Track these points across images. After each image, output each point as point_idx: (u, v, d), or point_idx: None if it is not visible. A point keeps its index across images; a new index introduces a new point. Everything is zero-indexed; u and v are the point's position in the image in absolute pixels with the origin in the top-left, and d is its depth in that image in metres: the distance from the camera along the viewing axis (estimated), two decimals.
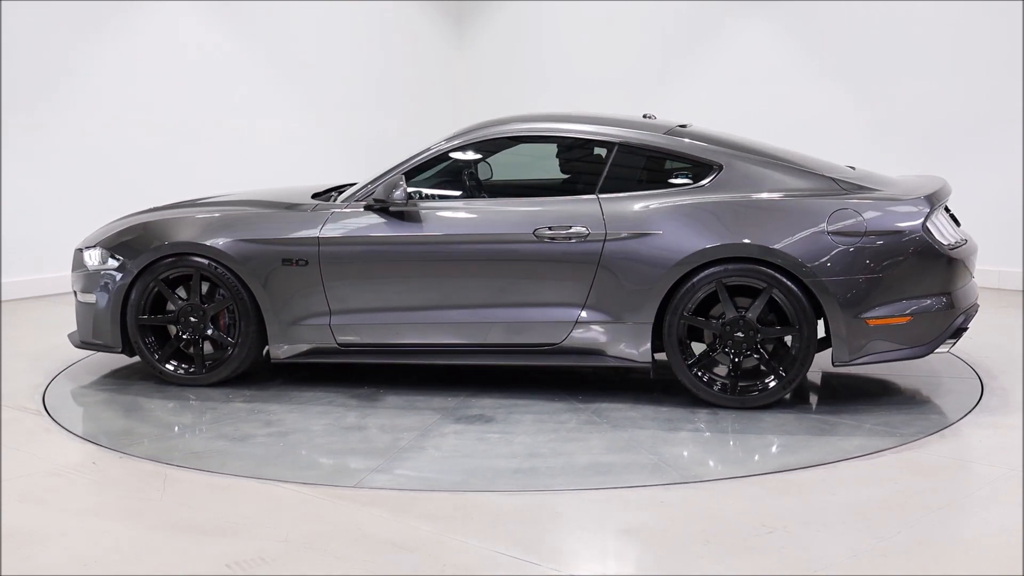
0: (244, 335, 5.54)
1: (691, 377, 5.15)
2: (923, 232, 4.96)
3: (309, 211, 5.54)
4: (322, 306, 5.44)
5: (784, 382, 5.06)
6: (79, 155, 8.77)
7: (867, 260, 4.93)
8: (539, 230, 5.21)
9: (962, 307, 5.11)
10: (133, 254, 5.65)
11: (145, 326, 5.68)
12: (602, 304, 5.16)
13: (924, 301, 4.99)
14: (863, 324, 4.94)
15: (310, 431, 4.95)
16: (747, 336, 5.05)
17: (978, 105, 8.44)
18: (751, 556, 3.53)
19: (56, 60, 8.55)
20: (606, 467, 4.39)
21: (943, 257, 4.99)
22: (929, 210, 5.02)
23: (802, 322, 4.99)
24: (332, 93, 10.58)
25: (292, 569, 3.48)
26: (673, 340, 5.12)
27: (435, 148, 5.56)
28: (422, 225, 5.34)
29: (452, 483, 4.24)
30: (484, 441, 4.76)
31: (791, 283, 4.96)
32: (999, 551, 3.56)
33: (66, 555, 3.60)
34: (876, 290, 4.94)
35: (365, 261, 5.38)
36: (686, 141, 5.37)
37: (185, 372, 5.69)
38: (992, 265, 8.11)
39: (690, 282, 5.05)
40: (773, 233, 4.98)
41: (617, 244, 5.12)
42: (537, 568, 3.46)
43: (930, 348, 5.04)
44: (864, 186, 5.15)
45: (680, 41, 10.08)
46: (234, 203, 5.96)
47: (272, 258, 5.45)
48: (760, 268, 4.99)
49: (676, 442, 4.71)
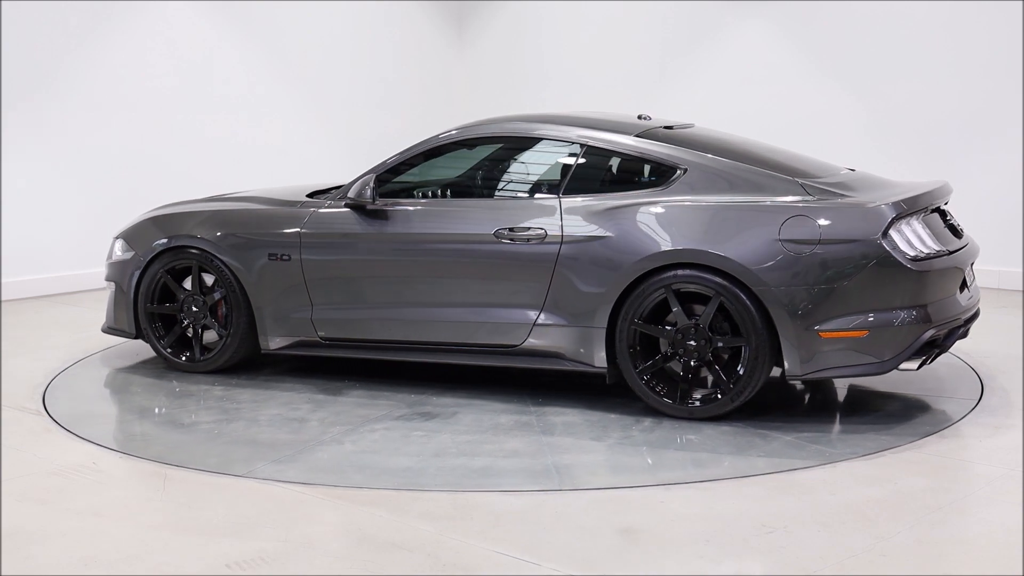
0: (236, 326, 5.78)
1: (640, 385, 4.99)
2: (882, 241, 4.65)
3: (295, 208, 5.75)
4: (304, 300, 5.63)
5: (731, 395, 4.83)
6: (79, 155, 8.76)
7: (821, 269, 4.67)
8: (499, 231, 5.22)
9: (936, 321, 4.76)
10: (143, 245, 5.98)
11: (153, 314, 5.97)
12: (559, 307, 5.11)
13: (885, 315, 4.67)
14: (815, 336, 4.68)
15: (255, 421, 5.12)
16: (699, 345, 4.87)
17: (978, 105, 8.44)
18: (751, 556, 3.53)
19: (56, 60, 8.55)
20: (496, 471, 4.38)
21: (906, 269, 4.66)
22: (892, 218, 4.69)
23: (750, 332, 4.76)
24: (333, 93, 10.58)
25: (292, 569, 3.48)
26: (623, 347, 4.98)
27: (410, 149, 5.67)
28: (391, 224, 5.47)
29: (333, 479, 4.30)
30: (406, 438, 4.80)
31: (739, 291, 4.75)
32: (999, 551, 3.56)
33: (66, 555, 3.60)
34: (830, 301, 4.66)
35: (340, 257, 5.56)
36: (653, 143, 5.24)
37: (186, 359, 5.95)
38: (992, 265, 8.10)
39: (640, 287, 4.93)
40: (723, 238, 4.79)
41: (573, 247, 5.06)
42: (537, 568, 3.47)
43: (890, 365, 4.72)
44: (830, 191, 4.89)
45: (680, 41, 10.08)
46: (236, 199, 6.22)
47: (260, 252, 5.69)
48: (708, 275, 4.80)
49: (589, 450, 4.63)
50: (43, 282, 8.58)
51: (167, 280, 5.90)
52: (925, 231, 4.89)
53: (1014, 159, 8.28)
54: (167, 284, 5.92)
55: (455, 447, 4.68)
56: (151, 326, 5.97)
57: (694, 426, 4.88)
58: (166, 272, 5.89)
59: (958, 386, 5.55)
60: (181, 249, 5.86)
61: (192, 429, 5.04)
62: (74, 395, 5.65)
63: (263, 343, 5.76)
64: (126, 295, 5.98)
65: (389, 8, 10.98)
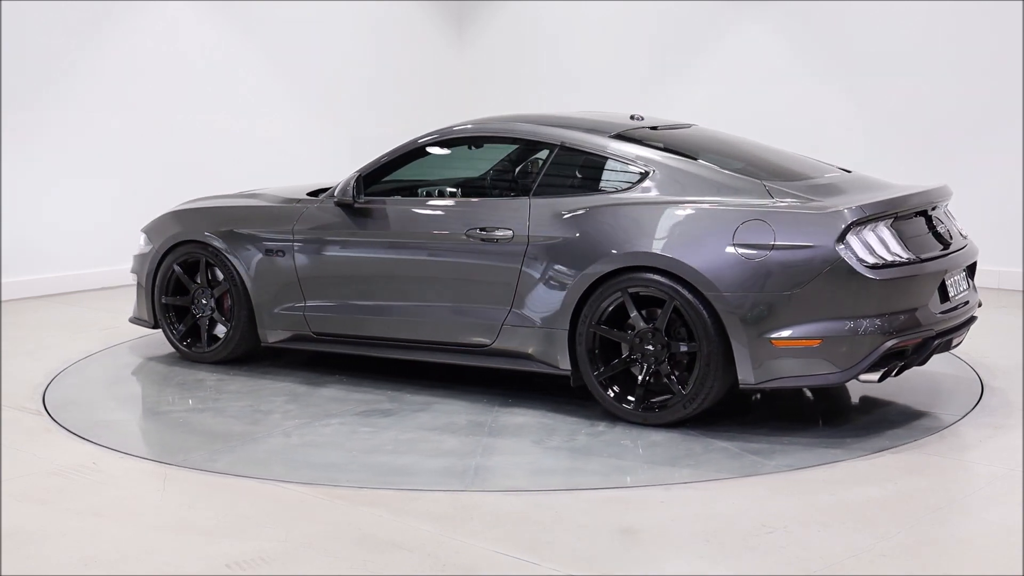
0: (237, 319, 5.97)
1: (598, 389, 4.93)
2: (837, 248, 4.47)
3: (290, 205, 5.91)
4: (297, 295, 5.78)
5: (684, 401, 4.72)
6: (79, 155, 8.76)
7: (774, 275, 4.51)
8: (471, 230, 5.24)
9: (899, 332, 4.54)
10: (159, 239, 6.24)
11: (167, 305, 6.21)
12: (526, 309, 5.09)
13: (839, 323, 4.48)
14: (768, 344, 4.52)
15: (223, 412, 5.28)
16: (656, 350, 4.77)
17: (978, 105, 8.43)
18: (751, 556, 3.53)
19: (56, 59, 8.55)
20: (413, 470, 4.40)
21: (864, 277, 4.46)
22: (849, 224, 4.50)
23: (702, 338, 4.64)
24: (333, 93, 10.58)
25: (292, 569, 3.48)
26: (583, 350, 4.92)
27: (395, 150, 5.73)
28: (373, 222, 5.57)
29: (256, 471, 4.40)
30: (353, 434, 4.88)
31: (692, 296, 4.64)
32: (999, 551, 3.56)
33: (66, 555, 3.60)
34: (783, 308, 4.50)
35: (327, 254, 5.70)
36: (626, 144, 5.17)
37: (194, 350, 6.18)
38: (992, 265, 8.10)
39: (599, 290, 4.87)
40: (678, 242, 4.70)
41: (538, 248, 5.05)
42: (537, 568, 3.46)
43: (847, 376, 4.52)
44: (795, 195, 4.72)
45: (681, 42, 10.08)
46: (245, 196, 6.45)
47: (258, 248, 5.88)
48: (663, 279, 4.71)
49: (522, 452, 4.59)
50: (43, 282, 8.58)
51: (179, 273, 6.12)
52: (893, 237, 4.66)
53: (1014, 159, 8.27)
54: (179, 278, 6.14)
55: (391, 445, 4.73)
56: (165, 317, 6.20)
57: (644, 433, 4.78)
58: (178, 265, 6.12)
59: (958, 386, 5.54)
60: (191, 243, 6.08)
61: (162, 417, 5.27)
62: (74, 395, 5.65)
63: (262, 336, 5.94)
64: (145, 287, 6.25)
65: (389, 8, 10.98)
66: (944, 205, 5.23)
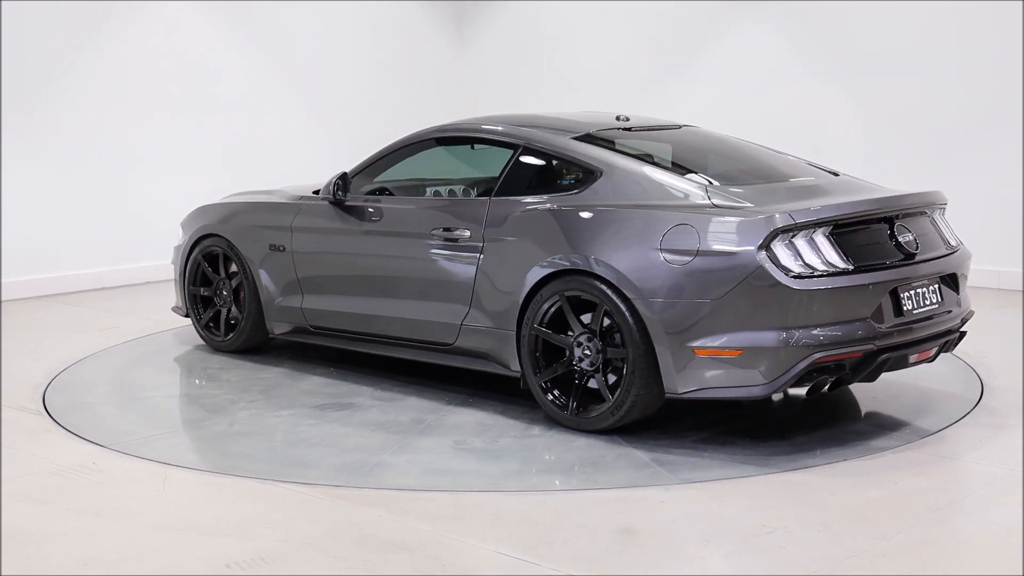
0: (249, 310, 6.24)
1: (538, 392, 4.90)
2: (759, 256, 4.29)
3: (292, 202, 6.12)
4: (296, 289, 6.00)
5: (611, 408, 4.63)
6: (79, 154, 8.76)
7: (696, 283, 4.38)
8: (435, 230, 5.30)
9: (827, 346, 4.33)
10: (188, 232, 6.58)
11: (195, 295, 6.53)
12: (482, 309, 5.11)
13: (760, 334, 4.31)
14: (691, 353, 4.40)
15: (195, 399, 5.54)
16: (591, 355, 4.72)
17: (978, 105, 8.43)
18: (751, 556, 3.53)
19: (56, 60, 8.55)
20: (312, 463, 4.48)
21: (786, 287, 4.27)
22: (773, 231, 4.31)
23: (629, 343, 4.54)
24: (333, 93, 10.58)
25: (292, 569, 3.48)
26: (525, 352, 4.90)
27: (381, 151, 5.86)
28: (355, 220, 5.72)
29: (172, 457, 4.56)
30: (294, 427, 4.99)
31: (619, 301, 4.56)
32: (999, 551, 3.56)
33: (66, 555, 3.60)
34: (705, 317, 4.36)
35: (319, 250, 5.88)
36: (584, 145, 5.09)
37: (215, 339, 6.47)
38: (992, 265, 8.11)
39: (539, 292, 4.85)
40: (607, 246, 4.62)
41: (492, 248, 5.06)
42: (537, 568, 3.47)
43: (770, 389, 4.34)
44: (736, 200, 4.55)
45: (681, 42, 10.08)
46: (260, 192, 6.68)
47: (264, 243, 6.11)
48: (595, 283, 4.64)
49: (434, 451, 4.60)
50: (43, 282, 8.58)
51: (202, 265, 6.45)
52: (831, 246, 4.42)
53: (1014, 159, 8.27)
54: (204, 269, 6.45)
55: (318, 438, 4.82)
56: (193, 306, 6.53)
57: (570, 438, 4.74)
58: (203, 258, 6.44)
59: (958, 386, 5.54)
60: (212, 237, 6.40)
61: (140, 404, 5.47)
62: (74, 395, 5.65)
63: (269, 328, 6.20)
64: (179, 278, 6.61)
65: (389, 8, 10.97)
66: (934, 211, 4.98)
